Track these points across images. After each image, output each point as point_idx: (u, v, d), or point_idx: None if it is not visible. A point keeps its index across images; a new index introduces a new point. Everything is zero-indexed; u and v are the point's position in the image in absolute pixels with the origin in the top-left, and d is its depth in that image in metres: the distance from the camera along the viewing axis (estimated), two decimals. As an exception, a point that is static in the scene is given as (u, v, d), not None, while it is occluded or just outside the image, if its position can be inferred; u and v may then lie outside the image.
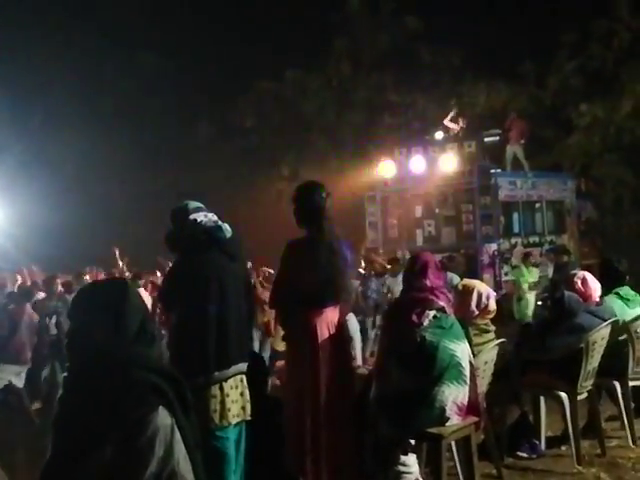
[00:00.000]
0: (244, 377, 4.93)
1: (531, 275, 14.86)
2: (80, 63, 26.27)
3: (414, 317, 5.24)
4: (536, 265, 15.62)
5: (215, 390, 4.71)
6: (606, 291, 7.47)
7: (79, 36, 26.03)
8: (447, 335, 5.22)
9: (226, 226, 5.01)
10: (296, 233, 5.57)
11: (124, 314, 2.77)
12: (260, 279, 12.37)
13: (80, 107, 25.72)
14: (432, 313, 5.28)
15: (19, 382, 10.82)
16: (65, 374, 2.88)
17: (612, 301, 7.34)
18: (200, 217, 4.97)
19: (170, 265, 6.13)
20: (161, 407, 2.66)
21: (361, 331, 13.04)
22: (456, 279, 13.05)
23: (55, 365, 11.50)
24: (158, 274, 13.76)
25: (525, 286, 14.62)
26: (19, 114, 24.54)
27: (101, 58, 26.41)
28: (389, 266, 14.14)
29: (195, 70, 26.57)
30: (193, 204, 5.09)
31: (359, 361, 12.22)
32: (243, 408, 4.89)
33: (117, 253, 14.11)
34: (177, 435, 2.69)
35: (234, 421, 4.79)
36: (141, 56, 27.07)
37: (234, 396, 4.81)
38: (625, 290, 7.53)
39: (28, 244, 19.74)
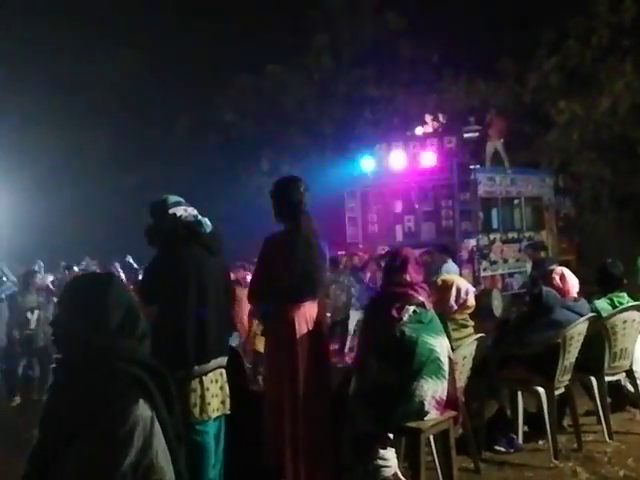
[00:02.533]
0: (224, 371, 4.93)
1: None
2: (58, 59, 26.09)
3: (394, 312, 5.25)
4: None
5: (195, 384, 4.71)
6: (601, 295, 7.52)
7: (58, 32, 25.82)
8: (426, 330, 5.24)
9: (206, 220, 5.00)
10: (275, 228, 5.57)
11: (106, 307, 2.79)
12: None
13: (57, 102, 25.54)
14: (412, 308, 5.29)
15: None
16: (53, 365, 2.89)
17: (601, 304, 7.38)
18: (180, 211, 4.96)
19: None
20: (142, 400, 2.67)
21: (341, 325, 13.00)
22: (453, 268, 13.10)
23: (32, 360, 11.49)
24: None
25: None
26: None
27: (80, 53, 26.23)
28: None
29: (175, 65, 26.47)
30: (173, 198, 5.07)
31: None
32: (223, 402, 4.89)
33: (118, 267, 14.29)
34: (157, 427, 2.71)
35: (214, 415, 4.80)
36: (120, 51, 26.92)
37: (214, 390, 4.81)
38: (620, 297, 7.51)
39: (5, 236, 19.65)
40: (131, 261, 15.09)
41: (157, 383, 2.76)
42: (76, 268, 15.18)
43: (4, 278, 13.57)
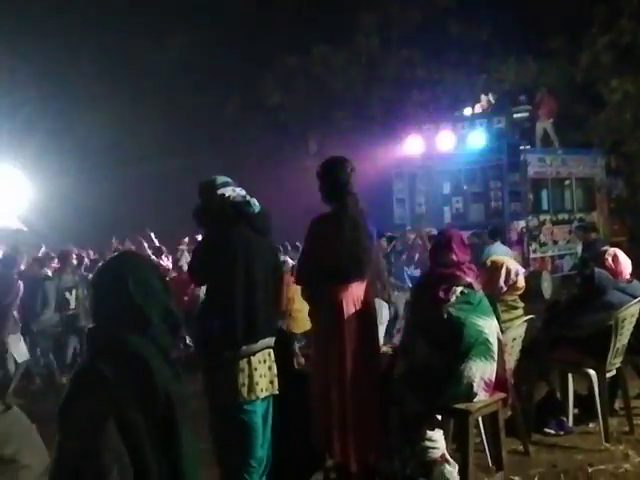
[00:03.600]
0: (271, 351, 4.94)
1: None
2: (107, 42, 26.31)
3: (441, 293, 5.22)
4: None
5: (243, 364, 4.72)
6: None
7: (107, 15, 26.03)
8: (475, 311, 5.20)
9: (254, 201, 5.00)
10: (322, 209, 5.55)
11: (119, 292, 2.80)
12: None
13: (106, 86, 25.78)
14: (459, 289, 5.26)
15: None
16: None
17: None
18: (228, 192, 4.96)
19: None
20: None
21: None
22: (501, 250, 12.93)
23: (74, 339, 11.69)
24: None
25: None
26: (47, 91, 24.64)
27: (129, 37, 26.41)
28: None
29: (223, 48, 26.50)
30: (221, 179, 5.07)
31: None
32: (271, 382, 4.90)
33: (152, 236, 14.34)
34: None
35: (262, 395, 4.81)
36: (169, 35, 27.05)
37: (262, 370, 4.82)
38: None
39: (58, 219, 19.91)
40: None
41: (130, 378, 2.64)
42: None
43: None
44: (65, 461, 2.55)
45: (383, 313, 11.42)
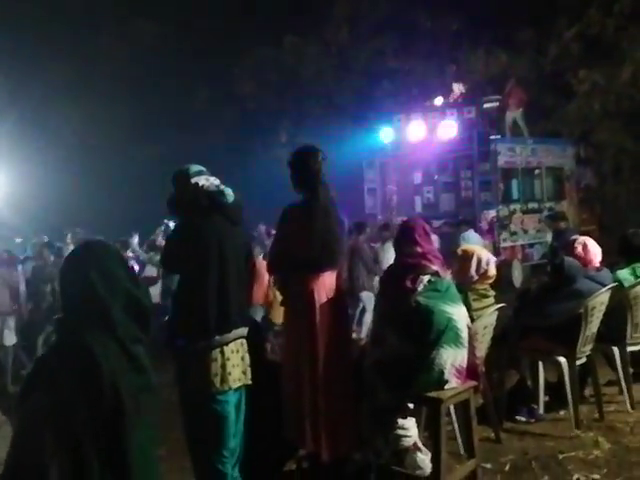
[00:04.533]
0: (244, 341, 4.92)
1: None
2: (77, 31, 26.08)
3: (408, 283, 5.23)
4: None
5: (216, 354, 4.70)
6: (623, 265, 7.48)
7: (76, 4, 25.80)
8: (443, 298, 5.21)
9: (228, 190, 4.97)
10: (293, 198, 5.54)
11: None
12: None
13: (78, 75, 25.58)
14: (426, 278, 5.26)
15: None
16: None
17: (623, 274, 7.33)
18: (202, 181, 4.93)
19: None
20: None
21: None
22: (473, 238, 13.02)
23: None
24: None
25: None
26: (17, 81, 24.40)
27: (99, 26, 26.22)
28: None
29: (193, 36, 26.37)
30: (195, 167, 5.03)
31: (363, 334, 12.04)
32: (244, 372, 4.88)
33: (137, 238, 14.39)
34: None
35: (235, 385, 4.79)
36: (139, 23, 26.86)
37: (235, 360, 4.80)
38: None
39: (30, 211, 19.75)
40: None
41: (75, 370, 2.62)
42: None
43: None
44: (8, 458, 2.54)
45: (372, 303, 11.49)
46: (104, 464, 2.58)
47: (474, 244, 10.29)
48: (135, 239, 15.13)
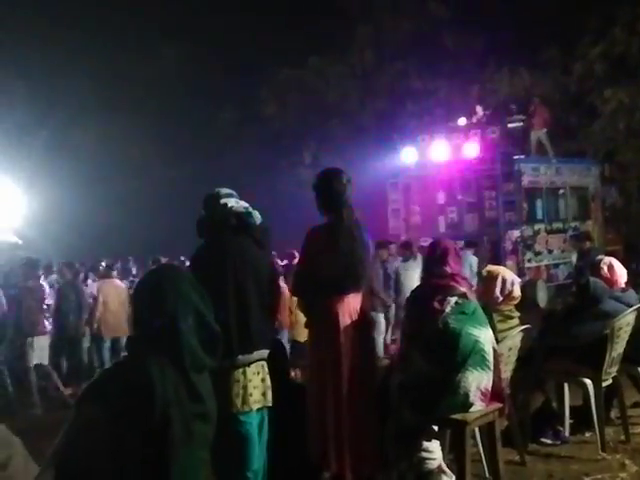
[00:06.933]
0: (265, 363, 4.93)
1: None
2: (103, 54, 26.35)
3: (436, 304, 5.22)
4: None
5: (238, 375, 4.71)
6: None
7: (103, 28, 26.12)
8: (470, 321, 5.20)
9: (256, 213, 5.03)
10: (317, 220, 5.56)
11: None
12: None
13: (102, 98, 25.82)
14: (454, 299, 5.25)
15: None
16: None
17: None
18: (231, 202, 4.99)
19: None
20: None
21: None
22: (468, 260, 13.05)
23: None
24: None
25: None
26: (41, 105, 24.67)
27: (125, 49, 26.47)
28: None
29: (217, 58, 26.57)
30: (224, 190, 5.10)
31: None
32: (264, 394, 4.89)
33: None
34: None
35: (255, 407, 4.80)
36: (165, 46, 27.12)
37: (256, 382, 4.81)
38: None
39: (53, 232, 19.90)
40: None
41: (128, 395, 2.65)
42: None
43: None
44: (53, 455, 2.60)
45: (380, 325, 11.40)
46: None
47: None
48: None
